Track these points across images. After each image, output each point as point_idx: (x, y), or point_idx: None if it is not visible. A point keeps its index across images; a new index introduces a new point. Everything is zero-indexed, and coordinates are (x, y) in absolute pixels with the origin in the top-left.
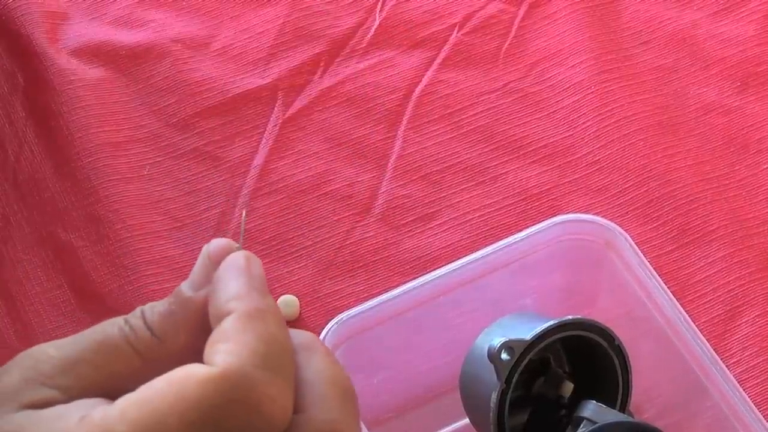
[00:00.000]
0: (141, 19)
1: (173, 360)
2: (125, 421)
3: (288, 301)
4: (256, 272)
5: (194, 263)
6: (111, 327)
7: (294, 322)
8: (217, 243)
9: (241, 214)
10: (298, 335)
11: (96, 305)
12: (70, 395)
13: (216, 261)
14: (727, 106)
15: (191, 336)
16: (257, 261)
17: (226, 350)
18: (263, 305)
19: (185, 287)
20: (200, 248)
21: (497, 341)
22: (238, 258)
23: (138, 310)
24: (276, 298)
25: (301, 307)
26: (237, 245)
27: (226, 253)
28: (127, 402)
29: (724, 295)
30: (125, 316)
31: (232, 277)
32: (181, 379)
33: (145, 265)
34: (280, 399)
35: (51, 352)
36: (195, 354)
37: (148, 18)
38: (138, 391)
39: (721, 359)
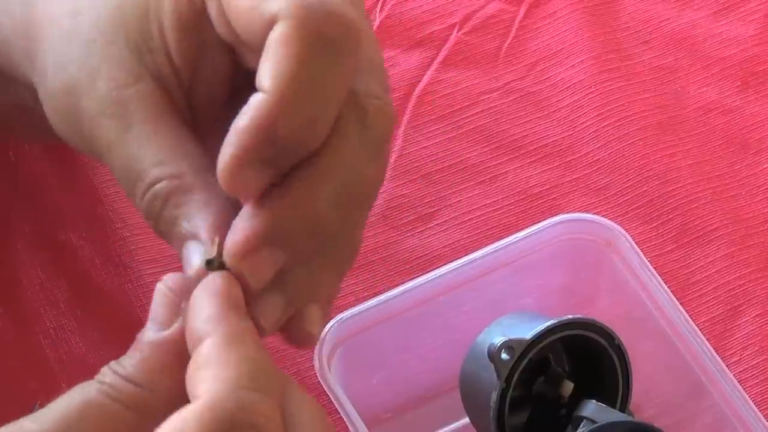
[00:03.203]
0: None
1: (170, 404)
2: None
3: None
4: (234, 293)
5: None
6: (88, 390)
7: None
8: (172, 276)
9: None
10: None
11: (96, 304)
12: None
13: (180, 292)
14: (727, 106)
15: (175, 375)
16: (235, 281)
17: (212, 376)
18: (242, 328)
19: (148, 330)
20: None
21: (497, 340)
22: (214, 279)
23: (105, 368)
24: None
25: None
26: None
27: (186, 283)
28: None
29: (725, 294)
30: (95, 378)
31: (207, 300)
32: (177, 422)
33: (145, 264)
34: (275, 418)
35: (31, 427)
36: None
37: None
38: None
39: (721, 359)
